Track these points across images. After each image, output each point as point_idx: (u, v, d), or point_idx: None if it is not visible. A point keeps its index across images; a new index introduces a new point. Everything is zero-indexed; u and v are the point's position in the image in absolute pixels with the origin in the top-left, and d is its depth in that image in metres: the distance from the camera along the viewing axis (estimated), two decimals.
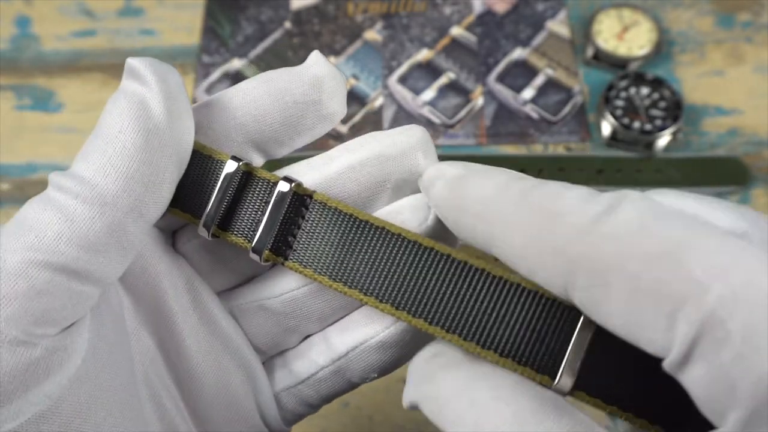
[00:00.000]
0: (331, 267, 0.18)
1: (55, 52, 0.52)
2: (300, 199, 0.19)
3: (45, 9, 0.54)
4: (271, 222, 0.19)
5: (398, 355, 0.20)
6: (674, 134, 0.45)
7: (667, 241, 0.13)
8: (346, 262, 0.18)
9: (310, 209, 0.19)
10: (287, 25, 0.52)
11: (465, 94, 0.49)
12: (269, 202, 0.19)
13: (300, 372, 0.21)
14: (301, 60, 0.50)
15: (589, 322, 0.16)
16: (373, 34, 0.52)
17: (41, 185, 0.47)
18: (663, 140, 0.45)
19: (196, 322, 0.20)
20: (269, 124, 0.19)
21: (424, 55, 0.51)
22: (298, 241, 0.19)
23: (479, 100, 0.49)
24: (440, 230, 0.19)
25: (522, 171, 0.47)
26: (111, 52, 0.52)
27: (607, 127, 0.46)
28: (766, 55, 0.49)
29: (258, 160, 0.20)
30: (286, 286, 0.20)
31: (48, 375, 0.15)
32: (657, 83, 0.46)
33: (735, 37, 0.50)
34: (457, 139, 0.47)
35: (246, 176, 0.19)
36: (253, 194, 0.19)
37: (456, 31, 0.52)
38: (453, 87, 0.49)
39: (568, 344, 0.16)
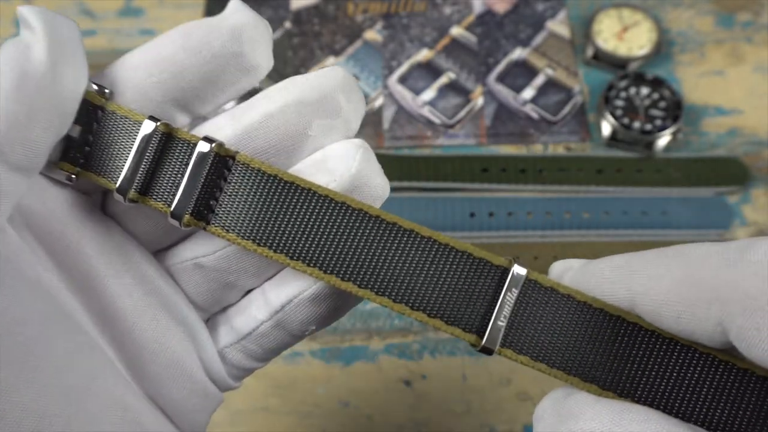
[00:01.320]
0: (255, 231, 0.18)
1: None
2: (222, 160, 0.18)
3: None
4: (192, 185, 0.18)
5: (333, 306, 0.20)
6: (674, 134, 0.45)
7: None
8: (270, 225, 0.18)
9: (233, 171, 0.18)
10: (287, 25, 0.52)
11: (465, 94, 0.49)
12: (189, 164, 0.18)
13: (241, 328, 0.21)
14: (301, 60, 0.50)
15: (515, 282, 0.17)
16: (373, 34, 0.52)
17: None
18: (663, 140, 0.45)
19: (129, 283, 0.19)
20: (188, 80, 0.18)
21: (424, 55, 0.51)
22: (221, 205, 0.18)
23: (479, 100, 0.49)
24: (367, 173, 0.19)
25: (522, 171, 0.48)
26: (111, 52, 0.52)
27: (607, 127, 0.46)
28: (766, 55, 0.49)
29: (182, 119, 0.19)
30: (219, 243, 0.19)
31: None
32: (657, 83, 0.46)
33: (735, 37, 0.50)
34: (457, 139, 0.47)
35: (165, 137, 0.18)
36: (172, 156, 0.18)
37: (456, 31, 0.52)
38: (453, 87, 0.49)
39: (496, 304, 0.17)
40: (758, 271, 0.14)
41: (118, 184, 0.18)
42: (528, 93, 0.49)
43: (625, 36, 0.49)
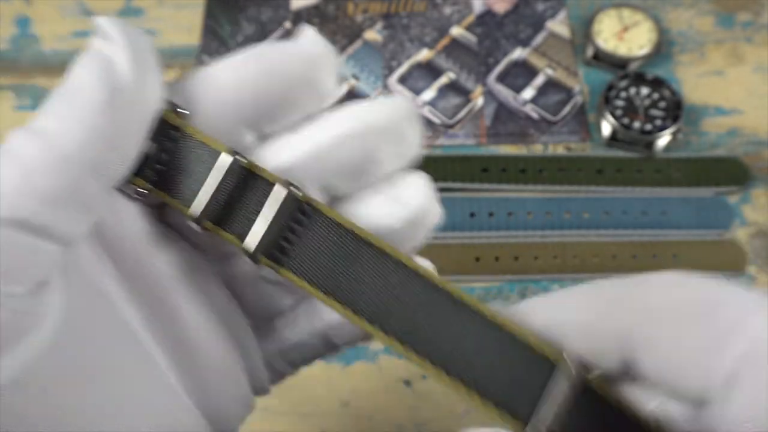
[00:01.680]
0: (324, 281, 0.18)
1: (55, 52, 0.52)
2: (299, 204, 0.18)
3: (45, 9, 0.54)
4: (267, 225, 0.18)
5: None
6: (674, 134, 0.45)
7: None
8: (339, 277, 0.18)
9: (308, 216, 0.18)
10: (287, 25, 0.52)
11: (465, 94, 0.49)
12: (265, 203, 0.18)
13: (289, 338, 0.21)
14: None
15: (568, 374, 0.16)
16: (373, 34, 0.52)
17: None
18: (663, 140, 0.45)
19: (189, 294, 0.19)
20: (264, 103, 0.19)
21: (424, 55, 0.51)
22: (293, 249, 0.18)
23: (479, 100, 0.49)
24: (433, 204, 0.20)
25: (522, 171, 0.48)
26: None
27: (607, 127, 0.46)
28: (766, 55, 0.49)
29: (249, 138, 0.20)
30: None
31: (18, 340, 0.15)
32: (657, 83, 0.46)
33: (735, 37, 0.50)
34: (457, 139, 0.47)
35: (245, 172, 0.18)
36: (250, 192, 0.18)
37: (456, 31, 0.52)
38: (453, 87, 0.49)
39: (545, 396, 0.16)
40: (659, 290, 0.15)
41: (192, 210, 0.18)
42: (528, 93, 0.49)
43: (625, 36, 0.49)
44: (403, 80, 0.50)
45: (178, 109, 0.18)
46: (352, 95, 0.49)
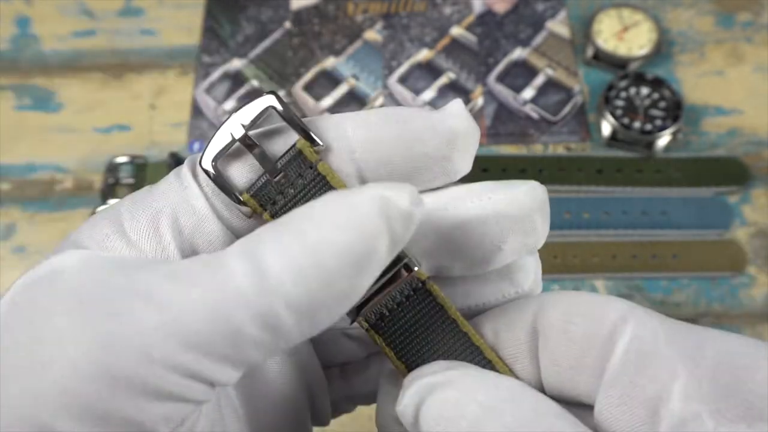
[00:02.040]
0: (404, 347, 0.18)
1: (55, 52, 0.52)
2: (416, 283, 0.18)
3: (45, 9, 0.54)
4: (380, 294, 0.17)
5: None
6: (674, 134, 0.45)
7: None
8: (419, 348, 0.18)
9: (419, 294, 0.18)
10: (287, 25, 0.52)
11: (465, 94, 0.49)
12: (382, 279, 0.17)
13: (359, 386, 0.22)
14: (301, 60, 0.50)
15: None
16: (373, 34, 0.52)
17: (41, 185, 0.47)
18: (663, 140, 0.45)
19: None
20: (391, 170, 0.17)
21: (424, 55, 0.51)
22: (391, 316, 0.18)
23: (479, 100, 0.49)
24: (540, 283, 0.19)
25: (522, 171, 0.48)
26: (111, 52, 0.52)
27: (607, 127, 0.46)
28: (766, 55, 0.49)
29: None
30: None
31: None
32: (657, 83, 0.46)
33: (735, 37, 0.50)
34: None
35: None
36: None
37: (456, 31, 0.51)
38: (453, 87, 0.49)
39: None
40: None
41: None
42: (528, 93, 0.49)
43: (625, 36, 0.49)
44: (403, 80, 0.50)
45: (316, 146, 0.17)
46: (352, 95, 0.49)
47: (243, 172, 0.17)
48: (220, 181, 0.17)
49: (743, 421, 0.14)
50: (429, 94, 0.49)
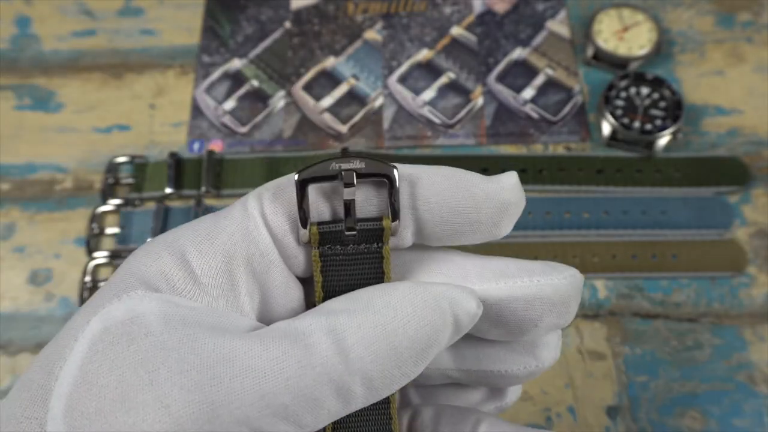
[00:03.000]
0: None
1: (55, 52, 0.52)
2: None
3: (45, 9, 0.54)
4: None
5: None
6: (674, 134, 0.45)
7: None
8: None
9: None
10: (287, 25, 0.52)
11: (465, 94, 0.49)
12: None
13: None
14: (301, 60, 0.50)
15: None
16: (373, 34, 0.52)
17: (41, 185, 0.47)
18: (663, 140, 0.45)
19: None
20: (446, 230, 0.19)
21: (424, 55, 0.51)
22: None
23: (479, 100, 0.49)
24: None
25: (522, 171, 0.47)
26: (111, 52, 0.52)
27: (607, 127, 0.46)
28: (766, 55, 0.49)
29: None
30: None
31: None
32: (657, 83, 0.46)
33: (735, 37, 0.50)
34: (457, 139, 0.47)
35: None
36: None
37: (456, 30, 0.51)
38: (453, 87, 0.49)
39: None
40: None
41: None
42: (528, 93, 0.49)
43: (625, 36, 0.49)
44: (403, 80, 0.50)
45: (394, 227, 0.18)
46: (352, 95, 0.49)
47: (320, 205, 0.18)
48: (300, 199, 0.18)
49: None
50: (429, 93, 0.49)
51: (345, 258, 0.19)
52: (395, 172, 0.18)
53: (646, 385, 0.39)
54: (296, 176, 0.18)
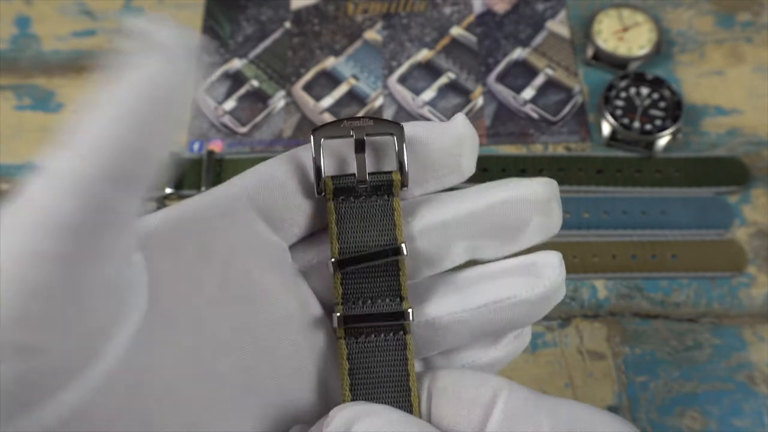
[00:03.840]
0: (356, 371, 0.21)
1: (55, 52, 0.52)
2: (402, 326, 0.21)
3: (45, 9, 0.54)
4: (371, 312, 0.21)
5: None
6: (674, 134, 0.45)
7: None
8: (367, 379, 0.21)
9: (395, 333, 0.21)
10: (287, 25, 0.52)
11: (465, 94, 0.49)
12: (389, 308, 0.21)
13: None
14: (301, 60, 0.50)
15: None
16: (373, 34, 0.52)
17: None
18: (663, 140, 0.45)
19: (301, 331, 0.21)
20: (416, 163, 0.21)
21: (424, 55, 0.51)
22: (364, 340, 0.21)
23: (479, 100, 0.49)
24: (563, 282, 0.22)
25: (522, 171, 0.47)
26: (111, 52, 0.52)
27: (607, 127, 0.46)
28: (766, 55, 0.49)
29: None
30: None
31: (68, 383, 0.15)
32: (657, 83, 0.46)
33: (735, 37, 0.50)
34: None
35: (395, 269, 0.21)
36: (386, 285, 0.21)
37: (456, 31, 0.52)
38: (453, 87, 0.49)
39: None
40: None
41: (342, 258, 0.20)
42: (528, 93, 0.49)
43: (625, 36, 0.49)
44: (403, 80, 0.50)
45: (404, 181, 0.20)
46: (352, 95, 0.49)
47: (334, 161, 0.21)
48: (316, 159, 0.20)
49: None
50: (429, 94, 0.49)
51: (359, 209, 0.20)
52: (403, 130, 0.20)
53: (646, 385, 0.39)
54: (312, 133, 0.20)
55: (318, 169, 0.20)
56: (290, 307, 0.21)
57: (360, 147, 0.20)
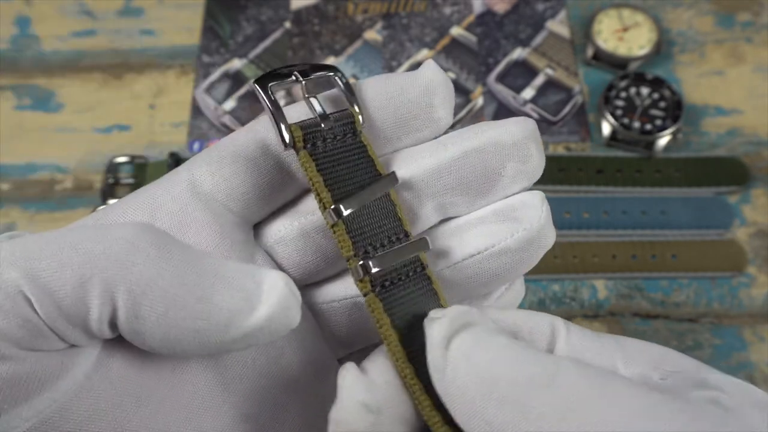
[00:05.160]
0: (401, 324, 0.18)
1: (55, 52, 0.52)
2: (421, 264, 0.19)
3: (45, 9, 0.54)
4: (392, 261, 0.18)
5: None
6: (674, 134, 0.45)
7: None
8: (408, 317, 0.18)
9: (417, 274, 0.18)
10: (287, 25, 0.52)
11: (465, 94, 0.49)
12: (400, 242, 0.19)
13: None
14: (301, 60, 0.50)
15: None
16: (373, 34, 0.52)
17: (41, 185, 0.47)
18: (663, 140, 0.45)
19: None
20: (383, 119, 0.19)
21: (424, 55, 0.51)
22: (391, 290, 0.18)
23: (479, 100, 0.49)
24: (548, 226, 0.19)
25: None
26: (111, 52, 0.52)
27: (607, 127, 0.46)
28: (766, 55, 0.49)
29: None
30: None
31: (41, 390, 0.15)
32: (657, 83, 0.46)
33: (735, 37, 0.50)
34: None
35: (391, 206, 0.19)
36: (390, 225, 0.19)
37: (456, 31, 0.51)
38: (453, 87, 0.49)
39: None
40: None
41: (337, 207, 0.18)
42: (528, 93, 0.49)
43: (625, 36, 0.49)
44: None
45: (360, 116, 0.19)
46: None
47: (292, 112, 0.19)
48: (273, 102, 0.18)
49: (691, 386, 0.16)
50: None
51: (333, 153, 0.19)
52: (337, 68, 0.19)
53: None
54: (253, 81, 0.18)
55: (282, 119, 0.18)
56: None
57: (310, 88, 0.19)
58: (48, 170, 0.47)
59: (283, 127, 0.18)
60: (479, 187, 0.19)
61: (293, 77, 0.19)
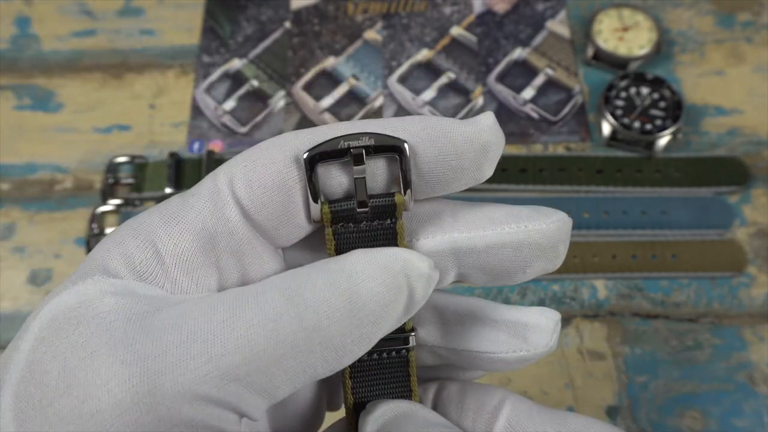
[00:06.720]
0: (359, 387, 0.20)
1: (55, 52, 0.52)
2: (406, 350, 0.20)
3: (45, 9, 0.54)
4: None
5: None
6: (674, 134, 0.45)
7: None
8: (370, 391, 0.20)
9: (399, 354, 0.19)
10: (287, 25, 0.52)
11: (465, 94, 0.49)
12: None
13: None
14: (301, 60, 0.50)
15: None
16: (373, 34, 0.52)
17: (41, 185, 0.47)
18: (663, 140, 0.45)
19: None
20: (428, 172, 0.18)
21: (424, 55, 0.51)
22: (367, 361, 0.19)
23: (479, 100, 0.49)
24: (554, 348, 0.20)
25: (522, 171, 0.47)
26: (111, 52, 0.52)
27: (607, 127, 0.46)
28: (766, 55, 0.49)
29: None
30: None
31: None
32: (657, 83, 0.46)
33: (735, 37, 0.50)
34: None
35: None
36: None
37: (456, 31, 0.51)
38: (453, 87, 0.49)
39: None
40: None
41: None
42: (528, 93, 0.49)
43: (625, 36, 0.49)
44: (403, 80, 0.50)
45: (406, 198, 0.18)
46: (352, 95, 0.49)
47: (330, 182, 0.18)
48: (310, 176, 0.17)
49: None
50: (429, 93, 0.49)
51: (358, 235, 0.18)
52: (405, 145, 0.17)
53: (646, 385, 0.39)
54: (305, 155, 0.17)
55: (314, 196, 0.17)
56: None
57: (360, 169, 0.18)
58: (48, 170, 0.47)
59: (312, 205, 0.17)
60: (504, 275, 0.19)
61: (348, 157, 0.17)
